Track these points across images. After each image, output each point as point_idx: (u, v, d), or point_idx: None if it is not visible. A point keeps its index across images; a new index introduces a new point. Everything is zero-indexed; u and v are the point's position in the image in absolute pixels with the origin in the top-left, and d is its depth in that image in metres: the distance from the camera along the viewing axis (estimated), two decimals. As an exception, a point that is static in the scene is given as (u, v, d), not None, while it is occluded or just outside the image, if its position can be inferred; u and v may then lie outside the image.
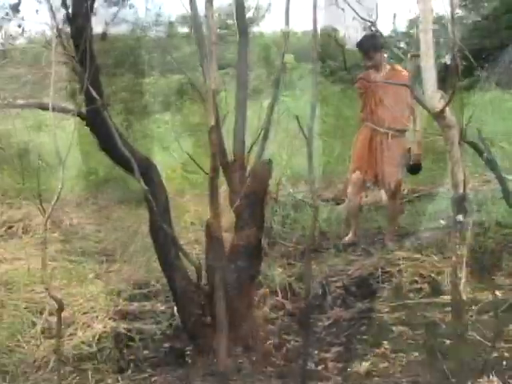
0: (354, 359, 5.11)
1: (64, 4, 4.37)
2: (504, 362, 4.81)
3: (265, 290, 6.32)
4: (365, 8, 4.69)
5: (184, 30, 36.00)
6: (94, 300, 6.59)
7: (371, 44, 7.69)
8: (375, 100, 7.80)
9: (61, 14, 4.37)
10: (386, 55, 8.04)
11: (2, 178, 12.46)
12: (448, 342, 5.17)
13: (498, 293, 6.10)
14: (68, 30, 4.50)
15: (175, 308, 5.68)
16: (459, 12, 26.76)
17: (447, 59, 22.58)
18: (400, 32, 26.78)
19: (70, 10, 4.55)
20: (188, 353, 5.25)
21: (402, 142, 7.95)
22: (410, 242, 7.75)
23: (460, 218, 2.47)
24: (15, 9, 4.37)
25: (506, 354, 4.96)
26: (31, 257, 8.22)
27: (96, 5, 4.60)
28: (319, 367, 5.02)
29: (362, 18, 4.65)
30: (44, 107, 4.68)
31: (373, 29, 5.09)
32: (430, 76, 2.28)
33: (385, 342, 5.35)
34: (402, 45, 26.85)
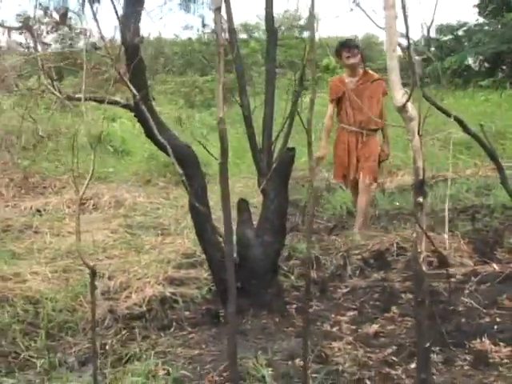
0: (365, 322, 5.11)
1: (115, 11, 4.39)
2: (495, 326, 4.80)
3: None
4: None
5: (243, 35, 36.34)
6: (148, 267, 6.67)
7: (354, 44, 7.57)
8: (351, 104, 7.48)
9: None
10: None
11: (75, 161, 12.61)
12: (448, 308, 5.17)
13: (495, 266, 6.05)
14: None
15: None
16: (482, 19, 26.38)
17: (470, 61, 22.23)
18: (429, 37, 26.22)
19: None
20: (221, 314, 5.29)
21: (376, 140, 7.74)
22: (425, 220, 7.68)
23: (420, 200, 2.45)
24: (63, 17, 4.37)
25: (498, 319, 4.93)
26: (98, 230, 8.36)
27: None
28: (334, 328, 5.02)
29: (378, 27, 4.61)
30: (96, 100, 4.73)
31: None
32: (394, 75, 2.27)
33: (394, 308, 5.34)
34: (432, 49, 26.41)
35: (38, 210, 9.81)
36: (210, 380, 4.19)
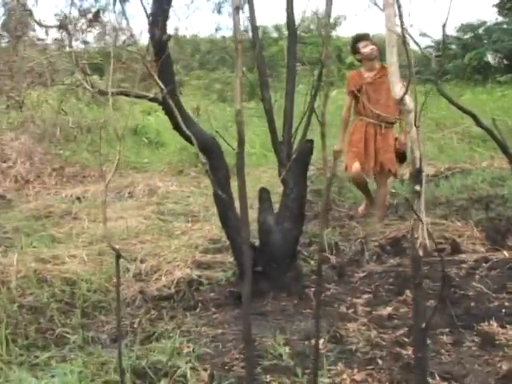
0: (379, 304, 5.10)
1: (144, 9, 4.40)
2: (503, 310, 4.78)
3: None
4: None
5: (275, 34, 36.32)
6: (177, 252, 6.71)
7: (370, 37, 7.42)
8: (368, 96, 7.21)
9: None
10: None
11: (113, 152, 12.73)
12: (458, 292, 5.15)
13: (506, 253, 6.00)
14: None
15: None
16: (501, 18, 26.06)
17: (489, 58, 21.97)
18: (451, 36, 25.99)
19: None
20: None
21: (393, 132, 7.47)
22: (440, 210, 7.64)
23: (417, 188, 2.42)
24: (95, 17, 4.39)
25: (507, 304, 4.90)
26: (131, 216, 8.42)
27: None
28: (350, 311, 5.01)
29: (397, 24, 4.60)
30: (125, 94, 4.76)
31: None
32: (394, 69, 2.25)
33: (407, 291, 5.30)
34: (454, 46, 26.17)
35: (78, 198, 9.91)
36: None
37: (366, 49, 7.30)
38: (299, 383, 3.87)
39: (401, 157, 7.51)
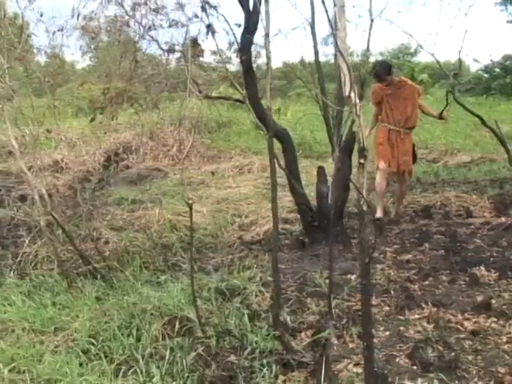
0: (403, 252, 5.04)
1: (235, 39, 4.49)
2: (491, 259, 4.63)
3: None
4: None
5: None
6: (270, 211, 6.80)
7: (383, 72, 6.22)
8: (390, 106, 6.28)
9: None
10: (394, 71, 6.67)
11: (240, 140, 12.94)
12: (462, 245, 5.00)
13: (504, 219, 5.76)
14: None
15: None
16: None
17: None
18: (497, 62, 24.92)
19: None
20: (306, 242, 5.37)
21: (410, 137, 6.45)
22: (465, 187, 7.36)
23: (361, 161, 2.33)
24: (195, 42, 4.50)
25: (495, 254, 4.74)
26: (246, 186, 8.60)
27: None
28: (380, 256, 4.97)
29: (420, 46, 4.48)
30: (222, 98, 4.88)
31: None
32: (346, 76, 2.25)
33: (426, 244, 5.20)
34: (497, 70, 25.09)
35: (212, 172, 10.14)
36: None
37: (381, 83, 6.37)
38: (330, 304, 3.91)
39: (414, 158, 6.65)
